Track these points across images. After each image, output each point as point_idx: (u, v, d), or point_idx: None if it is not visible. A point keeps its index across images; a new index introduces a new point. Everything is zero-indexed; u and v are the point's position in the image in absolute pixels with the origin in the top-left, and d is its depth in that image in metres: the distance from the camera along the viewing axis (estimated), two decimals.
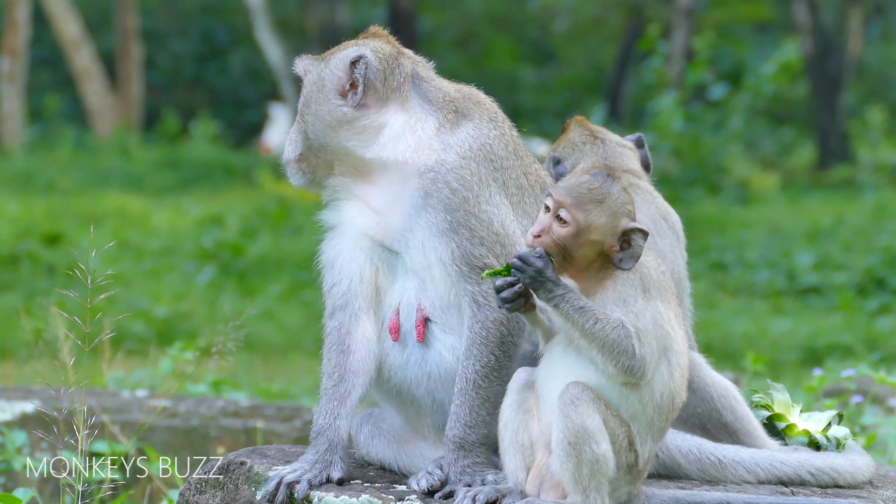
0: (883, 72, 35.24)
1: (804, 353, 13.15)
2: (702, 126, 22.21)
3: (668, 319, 4.14)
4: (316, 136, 4.57)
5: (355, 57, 4.54)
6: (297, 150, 4.63)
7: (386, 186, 4.55)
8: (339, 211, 4.66)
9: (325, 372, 4.56)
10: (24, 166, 23.55)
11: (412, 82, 4.60)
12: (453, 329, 4.49)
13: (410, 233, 4.49)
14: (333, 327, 4.58)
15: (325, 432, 4.48)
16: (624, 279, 4.12)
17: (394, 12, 27.38)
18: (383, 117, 4.56)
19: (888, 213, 19.83)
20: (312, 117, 4.58)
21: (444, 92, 4.63)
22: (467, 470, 4.37)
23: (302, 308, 15.05)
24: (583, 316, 4.04)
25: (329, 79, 4.56)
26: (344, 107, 4.54)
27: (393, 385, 4.58)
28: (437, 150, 4.52)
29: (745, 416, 4.78)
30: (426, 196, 4.48)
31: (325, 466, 4.44)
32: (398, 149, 4.54)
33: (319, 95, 4.57)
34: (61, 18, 27.85)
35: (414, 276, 4.52)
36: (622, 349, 4.04)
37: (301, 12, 32.43)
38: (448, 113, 4.58)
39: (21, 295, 14.37)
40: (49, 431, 5.18)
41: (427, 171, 4.49)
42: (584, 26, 34.83)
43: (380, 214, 4.56)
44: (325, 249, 4.70)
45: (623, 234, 4.12)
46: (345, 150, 4.56)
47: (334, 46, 4.69)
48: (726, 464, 4.59)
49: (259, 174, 24.38)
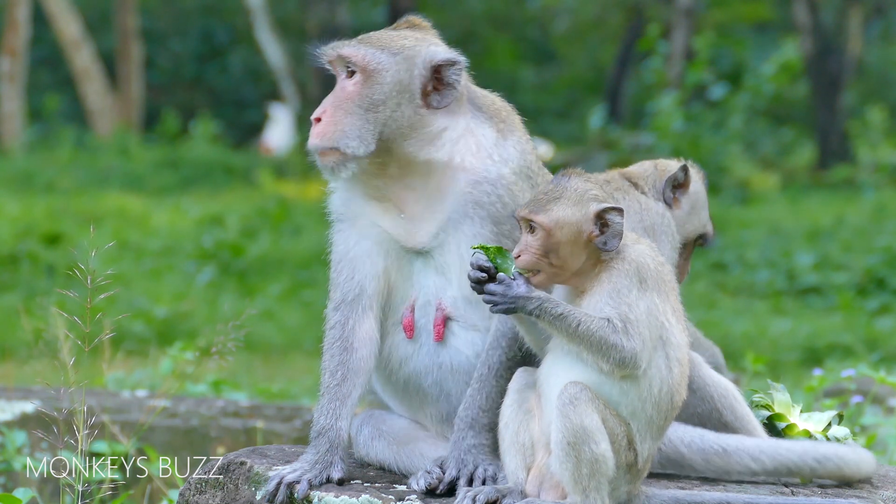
0: (883, 72, 35.23)
1: (804, 353, 13.14)
2: (702, 126, 22.21)
3: (664, 311, 4.13)
4: (388, 136, 4.45)
5: (449, 60, 4.47)
6: (370, 146, 4.46)
7: (423, 189, 4.52)
8: (357, 205, 4.59)
9: (328, 369, 4.56)
10: (24, 166, 23.55)
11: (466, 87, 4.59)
12: (475, 325, 4.50)
13: (447, 235, 4.49)
14: (338, 321, 4.57)
15: (327, 433, 4.48)
16: (619, 270, 4.12)
17: (394, 12, 27.37)
18: (445, 120, 4.51)
19: (888, 213, 19.83)
20: (389, 116, 4.45)
21: (490, 99, 4.64)
22: (472, 450, 4.37)
23: (302, 308, 15.05)
24: (563, 321, 4.05)
25: (417, 79, 4.47)
26: (423, 108, 4.48)
27: (400, 376, 4.59)
28: (496, 162, 4.51)
29: (745, 416, 4.77)
30: (476, 205, 4.47)
31: (325, 467, 4.44)
32: (456, 153, 4.51)
33: (402, 96, 4.46)
34: (61, 18, 27.84)
35: (437, 276, 4.52)
36: (610, 344, 4.04)
37: (301, 12, 32.43)
38: (498, 122, 4.58)
39: (21, 295, 14.37)
40: (49, 431, 5.18)
41: (484, 182, 4.48)
42: (584, 26, 34.82)
43: (409, 215, 4.52)
44: (338, 241, 4.63)
45: (596, 216, 4.12)
46: (405, 152, 4.48)
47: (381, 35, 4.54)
48: (730, 452, 4.58)
49: (259, 174, 24.38)
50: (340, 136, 4.44)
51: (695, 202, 4.99)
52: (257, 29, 30.18)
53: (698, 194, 5.01)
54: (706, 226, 5.05)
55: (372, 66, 4.46)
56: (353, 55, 4.47)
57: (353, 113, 4.45)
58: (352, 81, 4.48)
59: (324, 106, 4.50)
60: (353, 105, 4.45)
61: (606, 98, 31.95)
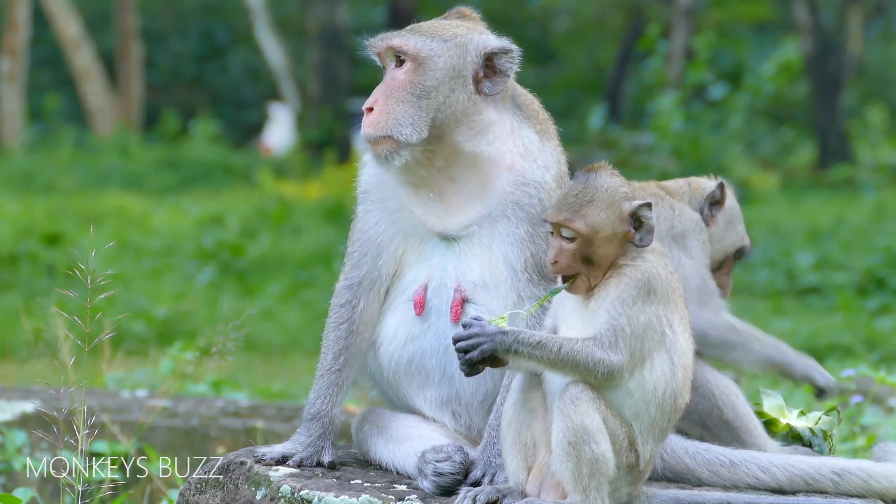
0: (883, 72, 35.23)
1: (804, 353, 13.13)
2: (702, 126, 22.22)
3: (670, 321, 4.13)
4: (441, 122, 4.45)
5: (503, 48, 4.49)
6: (423, 134, 4.45)
7: (466, 181, 4.53)
8: (390, 186, 4.59)
9: (332, 350, 4.61)
10: (24, 166, 23.55)
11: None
12: (491, 311, 4.50)
13: (480, 229, 4.51)
14: (348, 300, 4.62)
15: (322, 418, 4.57)
16: (630, 279, 4.10)
17: (394, 12, 27.38)
18: (494, 114, 4.53)
19: (888, 213, 19.83)
20: (443, 102, 4.45)
21: (529, 98, 4.66)
22: (500, 456, 4.35)
23: (302, 308, 15.05)
24: (543, 350, 4.03)
25: (469, 66, 4.47)
26: (476, 95, 4.48)
27: (404, 353, 4.60)
28: (540, 167, 4.53)
29: (745, 414, 4.78)
30: (517, 206, 4.49)
31: (316, 451, 4.55)
32: (507, 151, 4.52)
33: (456, 82, 4.47)
34: (61, 18, 27.85)
35: (458, 260, 4.53)
36: (596, 360, 4.02)
37: (301, 12, 32.43)
38: (537, 124, 4.61)
39: (21, 295, 14.37)
40: (49, 431, 5.18)
41: (528, 185, 4.50)
42: (584, 26, 34.84)
43: (446, 205, 4.54)
44: (365, 219, 4.64)
45: (631, 215, 4.13)
46: (454, 141, 4.49)
47: (415, 28, 4.54)
48: (737, 463, 4.52)
49: (259, 174, 24.38)
50: (394, 124, 4.44)
51: (730, 217, 5.09)
52: (257, 29, 30.18)
53: (733, 209, 5.10)
54: (744, 239, 5.14)
55: (424, 54, 4.46)
56: (404, 44, 4.48)
57: (405, 101, 4.45)
58: (402, 70, 4.49)
59: (374, 96, 4.49)
60: (404, 93, 4.45)
61: (606, 98, 31.96)
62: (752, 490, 4.47)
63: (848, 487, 4.44)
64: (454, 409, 4.60)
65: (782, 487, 4.47)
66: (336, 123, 26.97)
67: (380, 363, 4.67)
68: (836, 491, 4.43)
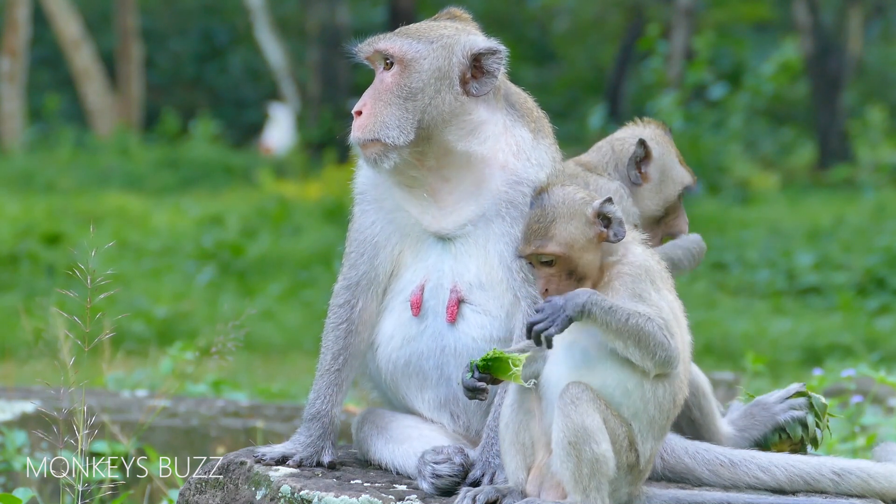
0: (883, 72, 35.20)
1: (804, 353, 13.15)
2: (702, 126, 22.21)
3: (675, 308, 4.14)
4: (428, 123, 4.47)
5: (490, 49, 4.49)
6: (410, 136, 4.47)
7: (459, 181, 4.54)
8: (385, 187, 4.61)
9: (331, 350, 4.63)
10: (24, 166, 23.54)
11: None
12: (487, 311, 4.51)
13: (475, 228, 4.52)
14: (347, 300, 4.63)
15: (321, 418, 4.59)
16: (631, 275, 4.10)
17: (394, 12, 27.37)
18: (485, 113, 4.54)
19: (888, 213, 19.82)
20: (428, 104, 4.47)
21: (523, 97, 4.66)
22: (498, 456, 4.35)
23: (302, 308, 15.05)
24: (613, 315, 3.99)
25: (456, 67, 4.49)
26: (463, 96, 4.50)
27: (401, 354, 4.61)
28: (534, 165, 4.54)
29: (710, 413, 4.75)
30: (510, 205, 4.50)
31: (316, 451, 4.57)
32: (499, 150, 4.53)
33: (441, 83, 4.48)
34: (61, 18, 27.84)
35: (455, 261, 4.55)
36: (658, 342, 4.01)
37: (301, 12, 32.41)
38: (530, 122, 4.61)
39: (21, 295, 14.37)
40: (49, 431, 5.18)
41: (521, 183, 4.51)
42: (584, 26, 34.82)
43: (441, 205, 4.55)
44: (361, 220, 4.66)
45: (597, 216, 4.12)
46: (444, 141, 4.50)
47: (401, 31, 4.56)
48: (737, 463, 4.51)
49: (259, 174, 24.37)
50: (381, 127, 4.46)
51: (662, 167, 4.98)
52: (257, 29, 30.17)
53: (663, 157, 4.99)
54: (684, 178, 5.02)
55: (409, 56, 4.49)
56: (390, 47, 4.50)
57: (392, 103, 4.48)
58: (390, 73, 4.51)
59: (363, 99, 4.52)
60: (392, 96, 4.48)
61: (606, 98, 31.94)
62: (752, 490, 4.46)
63: (848, 487, 4.43)
64: (452, 410, 4.60)
65: (782, 487, 4.47)
66: (336, 123, 26.96)
67: (378, 365, 4.68)
68: (836, 491, 4.43)
